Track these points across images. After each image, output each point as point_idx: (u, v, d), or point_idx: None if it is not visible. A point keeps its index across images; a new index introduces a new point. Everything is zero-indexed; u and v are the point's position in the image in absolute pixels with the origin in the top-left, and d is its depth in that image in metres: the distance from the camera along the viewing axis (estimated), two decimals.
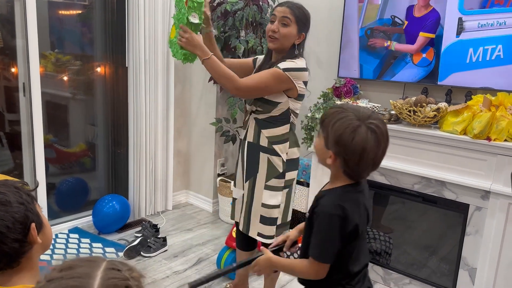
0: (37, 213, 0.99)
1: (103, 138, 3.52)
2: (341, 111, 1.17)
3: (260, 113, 1.96)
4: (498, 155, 2.14)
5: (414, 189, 2.47)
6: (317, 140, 1.25)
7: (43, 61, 3.06)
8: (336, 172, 1.23)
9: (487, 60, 2.39)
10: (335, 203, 1.19)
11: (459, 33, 2.46)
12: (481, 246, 2.25)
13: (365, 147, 1.13)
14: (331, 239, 1.18)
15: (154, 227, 3.05)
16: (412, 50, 2.64)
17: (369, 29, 2.80)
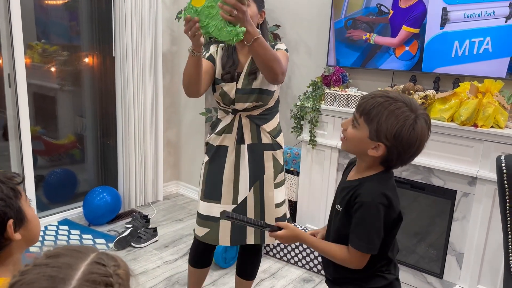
0: (18, 209, 0.96)
1: (91, 129, 3.50)
2: (391, 102, 1.13)
3: (256, 108, 1.82)
4: (484, 141, 2.16)
5: (402, 176, 2.49)
6: (356, 131, 1.19)
7: (29, 52, 3.02)
8: (374, 161, 1.20)
9: (474, 54, 2.30)
10: (379, 192, 1.17)
11: (443, 24, 2.35)
12: (468, 232, 2.28)
13: (422, 139, 1.14)
14: (377, 229, 1.17)
15: (145, 217, 3.05)
16: (393, 44, 2.58)
17: (350, 20, 2.75)
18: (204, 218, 1.87)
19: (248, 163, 1.84)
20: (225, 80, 1.79)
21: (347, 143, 1.24)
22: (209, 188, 1.87)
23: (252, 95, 1.78)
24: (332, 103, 2.69)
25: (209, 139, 1.91)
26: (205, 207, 1.87)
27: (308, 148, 2.82)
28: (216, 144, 1.86)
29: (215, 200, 1.86)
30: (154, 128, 3.46)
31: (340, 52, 2.83)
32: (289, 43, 3.39)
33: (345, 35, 2.79)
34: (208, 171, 1.88)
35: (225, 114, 1.86)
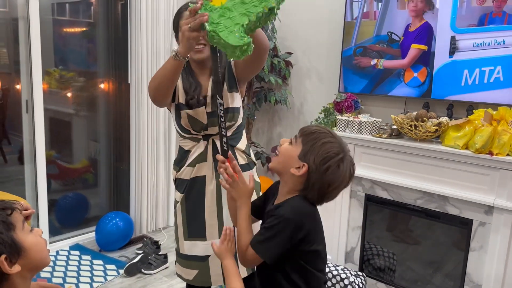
0: (11, 242, 0.93)
1: (105, 154, 3.53)
2: (331, 136, 1.21)
3: (229, 129, 1.71)
4: (500, 169, 2.13)
5: (416, 204, 2.45)
6: (290, 147, 1.23)
7: (47, 78, 3.09)
8: (294, 186, 1.22)
9: (484, 82, 2.28)
10: (297, 210, 1.19)
11: (452, 53, 2.36)
12: (486, 262, 2.21)
13: (343, 179, 1.19)
14: (278, 240, 1.18)
15: (155, 243, 3.03)
16: (403, 65, 2.59)
17: (360, 48, 2.76)
18: (189, 259, 1.74)
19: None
20: (191, 106, 1.65)
21: (276, 158, 1.27)
22: (192, 226, 1.73)
23: (225, 116, 1.65)
24: (344, 129, 2.68)
25: (180, 175, 1.74)
26: (190, 247, 1.74)
27: None
28: (189, 177, 1.71)
29: (199, 237, 1.72)
30: (167, 153, 3.48)
31: (347, 79, 2.85)
32: (301, 69, 3.43)
33: (352, 62, 2.81)
34: (187, 208, 1.74)
35: (195, 142, 1.72)
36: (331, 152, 1.17)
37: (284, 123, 3.63)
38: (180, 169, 1.74)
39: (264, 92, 3.43)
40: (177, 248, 1.80)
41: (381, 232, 2.73)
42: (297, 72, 3.44)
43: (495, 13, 2.23)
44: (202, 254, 1.72)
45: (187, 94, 1.67)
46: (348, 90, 2.86)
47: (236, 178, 1.29)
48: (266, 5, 1.25)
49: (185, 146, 1.74)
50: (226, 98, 1.68)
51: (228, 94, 1.69)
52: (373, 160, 2.58)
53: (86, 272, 2.78)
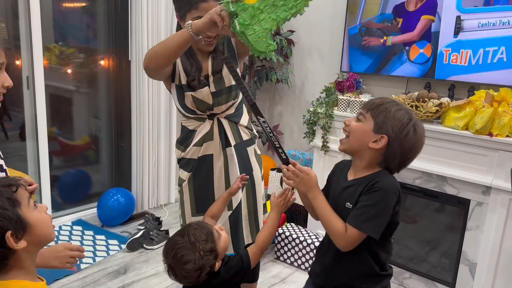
0: (16, 218, 0.94)
1: (106, 131, 3.55)
2: (398, 103, 1.23)
3: (232, 106, 1.73)
4: (499, 150, 2.14)
5: (415, 184, 2.48)
6: (360, 124, 1.24)
7: (47, 54, 3.08)
8: (372, 160, 1.24)
9: (488, 63, 2.28)
10: (395, 183, 1.23)
11: (457, 32, 2.35)
12: (482, 241, 2.26)
13: (422, 141, 1.23)
14: (386, 216, 1.21)
15: (157, 220, 3.08)
16: (412, 37, 2.56)
17: (364, 26, 2.75)
18: None
19: (238, 165, 1.74)
20: (193, 88, 1.65)
21: (348, 139, 1.27)
22: (200, 202, 1.76)
23: (229, 94, 1.69)
24: (345, 109, 2.69)
25: (186, 154, 1.75)
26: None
27: (320, 154, 2.83)
28: (196, 156, 1.73)
29: None
30: (167, 130, 3.49)
31: (353, 58, 2.83)
32: (303, 48, 3.41)
33: (360, 42, 2.79)
34: (195, 186, 1.76)
35: (200, 122, 1.72)
36: (405, 118, 1.19)
37: (285, 102, 3.63)
38: (185, 148, 1.75)
39: (265, 71, 3.42)
40: (183, 224, 1.84)
41: None
42: (299, 51, 3.42)
43: None
44: None
45: (188, 75, 1.66)
46: (353, 69, 2.85)
47: (299, 173, 1.29)
48: (296, 11, 1.28)
49: (189, 126, 1.74)
50: (227, 76, 1.68)
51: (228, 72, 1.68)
52: None
53: (89, 246, 2.83)
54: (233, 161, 1.73)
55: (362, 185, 1.23)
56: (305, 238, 2.67)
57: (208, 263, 1.22)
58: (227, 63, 1.45)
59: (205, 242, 1.23)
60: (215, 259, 1.24)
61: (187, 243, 1.22)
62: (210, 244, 1.24)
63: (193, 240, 1.22)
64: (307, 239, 2.66)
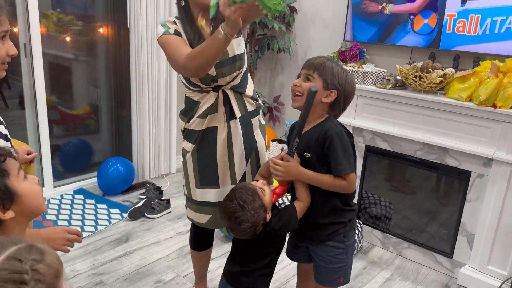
0: (4, 188, 0.93)
1: (106, 100, 3.52)
2: (332, 60, 1.48)
3: (237, 77, 1.69)
4: (502, 122, 2.12)
5: (416, 155, 2.47)
6: (310, 83, 1.43)
7: (44, 21, 3.01)
8: (322, 111, 1.48)
9: (495, 33, 2.23)
10: (338, 124, 1.46)
11: (464, 1, 2.28)
12: (481, 213, 2.27)
13: (355, 86, 1.51)
14: (350, 151, 1.43)
15: (158, 189, 3.09)
16: (413, 8, 2.50)
17: None
18: (204, 205, 1.78)
19: (242, 137, 1.72)
20: None
21: (302, 97, 1.45)
22: (204, 174, 1.75)
23: (233, 65, 1.64)
24: None
25: (190, 126, 1.73)
26: (202, 194, 1.77)
27: None
28: (201, 128, 1.70)
29: (212, 185, 1.75)
30: (168, 100, 3.46)
31: (356, 27, 2.76)
32: (305, 16, 3.33)
33: (364, 10, 2.71)
34: (198, 158, 1.74)
35: (204, 93, 1.68)
36: (343, 72, 1.46)
37: (286, 72, 3.58)
38: (189, 120, 1.73)
39: (267, 39, 3.35)
40: (187, 194, 1.84)
41: (379, 182, 2.77)
42: (301, 19, 3.34)
43: None
44: (215, 200, 1.75)
45: (191, 43, 1.60)
46: (356, 38, 2.79)
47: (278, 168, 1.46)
48: None
49: (193, 97, 1.71)
50: (231, 45, 1.62)
51: (232, 40, 1.60)
52: (375, 112, 2.57)
53: (91, 215, 2.86)
54: (237, 134, 1.71)
55: (314, 134, 1.44)
56: None
57: (260, 217, 1.38)
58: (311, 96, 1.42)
59: (253, 201, 1.38)
60: (265, 212, 1.41)
61: (237, 206, 1.37)
62: (258, 201, 1.39)
63: (241, 202, 1.37)
64: None
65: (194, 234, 1.97)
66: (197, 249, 1.99)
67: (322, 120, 1.47)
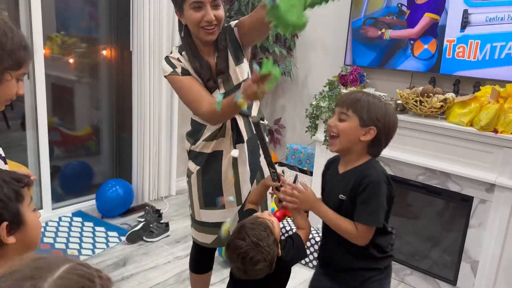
0: (16, 212, 0.94)
1: (107, 121, 3.53)
2: (368, 93, 1.35)
3: None
4: (504, 147, 2.11)
5: (418, 180, 2.45)
6: (346, 123, 1.32)
7: (49, 43, 3.05)
8: (362, 151, 1.34)
9: (495, 58, 2.24)
10: (381, 171, 1.33)
11: (463, 27, 2.30)
12: (484, 239, 2.23)
13: (396, 118, 1.35)
14: (382, 203, 1.30)
15: (157, 212, 3.06)
16: (412, 34, 2.52)
17: (369, 19, 2.69)
18: (209, 226, 1.77)
19: (248, 159, 1.71)
20: (210, 89, 1.62)
21: (339, 140, 1.33)
22: (208, 197, 1.75)
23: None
24: None
25: (196, 148, 1.73)
26: (207, 215, 1.76)
27: (322, 148, 2.79)
28: (207, 151, 1.70)
29: (217, 207, 1.75)
30: (169, 122, 3.47)
31: (356, 51, 2.79)
32: (306, 40, 3.37)
33: (364, 36, 2.74)
34: (203, 180, 1.74)
35: None
36: (381, 104, 1.32)
37: (287, 95, 3.60)
38: (195, 142, 1.73)
39: None
40: (192, 215, 1.83)
41: None
42: (302, 43, 3.37)
43: None
44: (220, 221, 1.71)
45: (200, 75, 1.61)
46: (356, 62, 2.81)
47: (297, 194, 1.38)
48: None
49: (200, 120, 1.71)
50: (235, 73, 1.63)
51: (236, 69, 1.64)
52: None
53: (88, 238, 2.83)
54: (244, 157, 1.70)
55: (353, 177, 1.32)
56: None
57: (275, 254, 1.28)
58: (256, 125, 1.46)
59: (267, 237, 1.27)
60: (277, 247, 1.31)
61: (251, 244, 1.24)
62: (272, 236, 1.29)
63: (256, 240, 1.25)
64: None
65: (195, 255, 1.94)
66: (198, 272, 1.95)
67: (364, 163, 1.34)
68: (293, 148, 3.21)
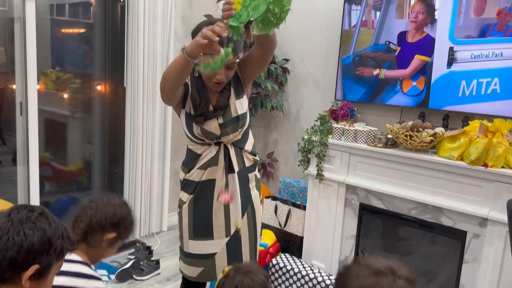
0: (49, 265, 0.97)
1: (99, 156, 3.51)
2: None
3: (238, 134, 1.75)
4: (495, 182, 2.12)
5: (411, 214, 2.44)
6: None
7: (43, 79, 3.08)
8: None
9: (481, 94, 2.30)
10: None
11: (450, 63, 2.38)
12: (480, 274, 2.20)
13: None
14: None
15: (148, 249, 3.00)
16: (405, 75, 2.60)
17: (357, 56, 2.77)
18: (196, 257, 1.79)
19: (239, 191, 1.75)
20: (197, 122, 1.69)
21: None
22: (198, 226, 1.77)
23: (236, 124, 1.71)
24: (340, 137, 2.68)
25: (189, 176, 1.77)
26: (195, 246, 1.78)
27: (315, 182, 2.79)
28: (199, 180, 1.75)
29: (206, 237, 1.77)
30: (161, 157, 3.46)
31: (347, 87, 2.84)
32: (298, 76, 3.43)
33: (354, 72, 2.80)
34: (194, 209, 1.77)
35: (207, 146, 1.74)
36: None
37: (280, 130, 3.62)
38: (189, 171, 1.77)
39: (260, 98, 3.42)
40: (181, 246, 1.84)
41: (375, 241, 2.71)
42: (294, 79, 3.44)
43: (498, 27, 2.24)
44: (208, 252, 1.77)
45: (196, 109, 1.69)
46: (347, 97, 2.86)
47: None
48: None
49: (196, 150, 1.77)
50: (234, 106, 1.71)
51: (236, 102, 1.72)
52: (368, 169, 2.57)
53: None
54: (235, 188, 1.75)
55: None
56: (299, 269, 2.60)
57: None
58: None
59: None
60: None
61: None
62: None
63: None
64: (301, 270, 2.59)
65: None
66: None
67: None
68: (286, 182, 3.20)
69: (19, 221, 0.95)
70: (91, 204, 1.38)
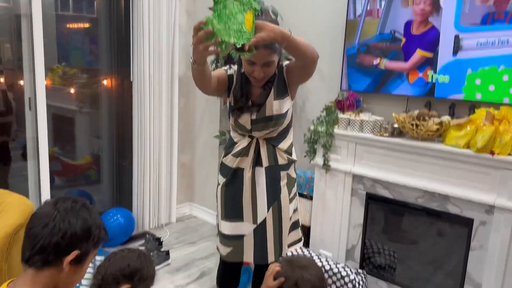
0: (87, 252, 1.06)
1: (108, 151, 3.55)
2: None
3: (273, 131, 1.85)
4: (501, 169, 2.12)
5: (417, 203, 2.45)
6: None
7: (50, 74, 3.11)
8: None
9: None
10: None
11: (455, 51, 2.37)
12: (486, 262, 2.22)
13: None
14: None
15: (157, 240, 3.05)
16: (404, 69, 2.58)
17: (363, 46, 2.76)
18: (228, 238, 1.91)
19: (266, 185, 1.85)
20: (234, 115, 1.82)
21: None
22: (230, 209, 1.91)
23: (268, 123, 1.80)
24: (346, 127, 2.68)
25: (225, 160, 1.92)
26: (228, 227, 1.91)
27: (322, 173, 2.81)
28: (233, 166, 1.88)
29: (237, 219, 1.90)
30: (169, 150, 3.50)
31: (352, 77, 2.83)
32: None
33: (356, 60, 2.79)
34: (226, 193, 1.91)
35: (241, 136, 1.88)
36: None
37: None
38: (226, 155, 1.93)
39: None
40: (218, 224, 2.00)
41: (382, 230, 2.73)
42: None
43: (497, 15, 2.23)
44: (238, 233, 1.89)
45: (236, 102, 1.80)
46: (352, 88, 2.85)
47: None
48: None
49: (234, 137, 1.91)
50: (270, 106, 1.78)
51: (274, 102, 1.78)
52: (374, 159, 2.58)
53: (89, 268, 2.80)
54: (261, 180, 1.85)
55: None
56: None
57: None
58: None
59: None
60: None
61: None
62: None
63: None
64: None
65: (219, 267, 2.07)
66: (222, 286, 2.06)
67: None
68: None
69: (65, 210, 1.05)
70: (110, 256, 1.45)
